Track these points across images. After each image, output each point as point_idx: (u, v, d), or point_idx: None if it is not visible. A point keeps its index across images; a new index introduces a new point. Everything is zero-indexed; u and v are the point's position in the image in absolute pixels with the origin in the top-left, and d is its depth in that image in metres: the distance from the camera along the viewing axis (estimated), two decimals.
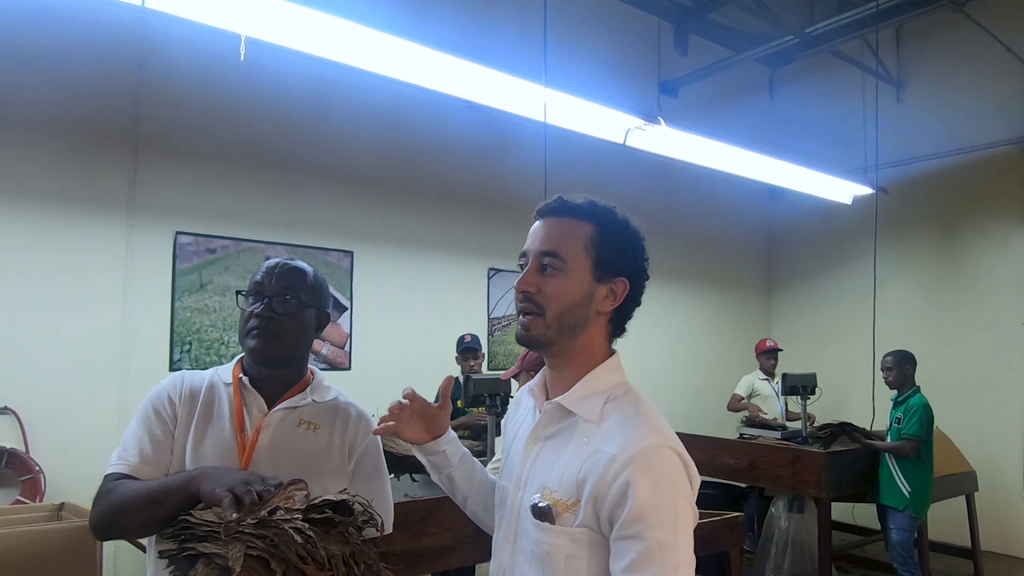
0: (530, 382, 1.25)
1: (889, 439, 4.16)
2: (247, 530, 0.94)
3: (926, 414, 4.01)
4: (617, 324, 1.16)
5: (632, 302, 1.15)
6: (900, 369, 4.15)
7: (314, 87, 4.08)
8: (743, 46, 5.78)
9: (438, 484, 1.32)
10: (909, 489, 3.96)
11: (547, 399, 1.16)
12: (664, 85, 5.74)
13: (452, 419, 4.26)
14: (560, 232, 1.11)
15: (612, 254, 1.11)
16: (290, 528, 0.95)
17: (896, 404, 4.17)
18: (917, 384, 4.17)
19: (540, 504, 1.05)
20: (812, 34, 5.23)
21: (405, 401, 1.25)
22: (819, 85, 6.59)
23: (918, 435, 3.96)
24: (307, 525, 0.97)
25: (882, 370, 4.20)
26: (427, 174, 4.73)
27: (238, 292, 1.36)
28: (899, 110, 6.12)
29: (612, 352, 1.16)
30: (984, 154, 5.66)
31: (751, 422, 5.13)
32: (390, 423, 1.23)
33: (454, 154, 4.79)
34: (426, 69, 3.08)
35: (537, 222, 1.15)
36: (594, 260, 1.10)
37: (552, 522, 1.03)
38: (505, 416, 1.35)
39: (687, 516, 0.99)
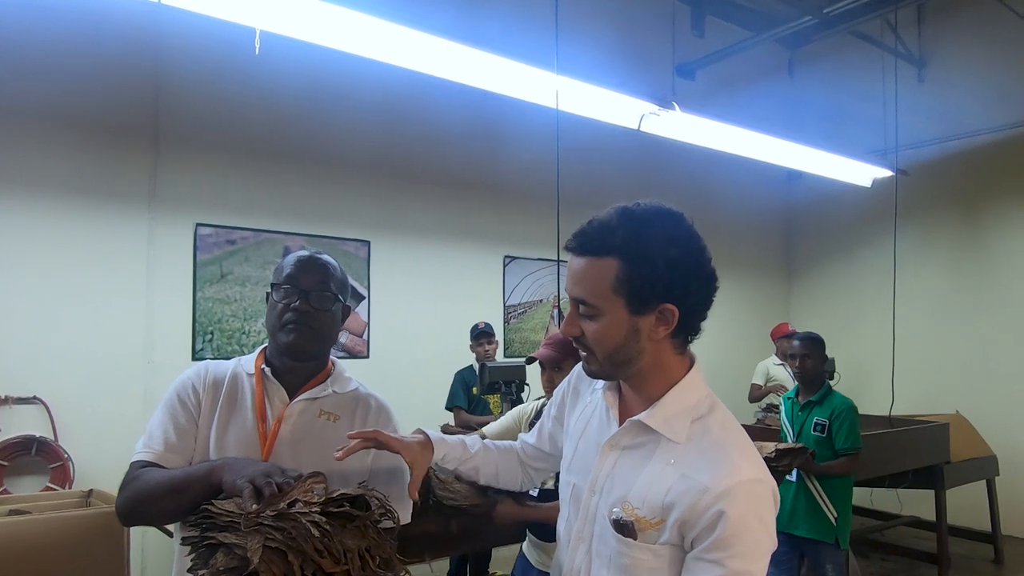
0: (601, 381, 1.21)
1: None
2: (266, 522, 0.97)
3: (857, 417, 3.25)
4: (682, 338, 1.10)
5: (693, 316, 1.08)
6: (818, 356, 3.29)
7: (329, 80, 4.10)
8: (761, 27, 5.70)
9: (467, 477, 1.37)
10: (836, 514, 3.15)
11: (620, 403, 1.14)
12: (681, 68, 5.68)
13: (468, 408, 4.29)
14: (584, 276, 1.05)
15: (644, 287, 1.02)
16: (308, 521, 0.97)
17: (809, 404, 3.30)
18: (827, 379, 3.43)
19: (623, 520, 1.05)
20: (831, 14, 5.15)
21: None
22: (839, 66, 6.50)
23: (859, 446, 3.18)
24: (324, 519, 0.99)
25: (790, 356, 3.37)
26: (442, 163, 4.75)
27: (273, 284, 1.36)
28: (921, 90, 6.01)
29: (691, 363, 1.13)
30: (1007, 134, 5.56)
31: (771, 408, 5.09)
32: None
33: (468, 143, 4.80)
34: (440, 59, 3.09)
35: (569, 256, 1.09)
36: (626, 298, 1.03)
37: (634, 537, 1.03)
38: (560, 395, 1.34)
39: (767, 548, 1.00)
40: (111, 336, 3.56)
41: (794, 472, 3.13)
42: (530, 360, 2.42)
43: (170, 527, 1.35)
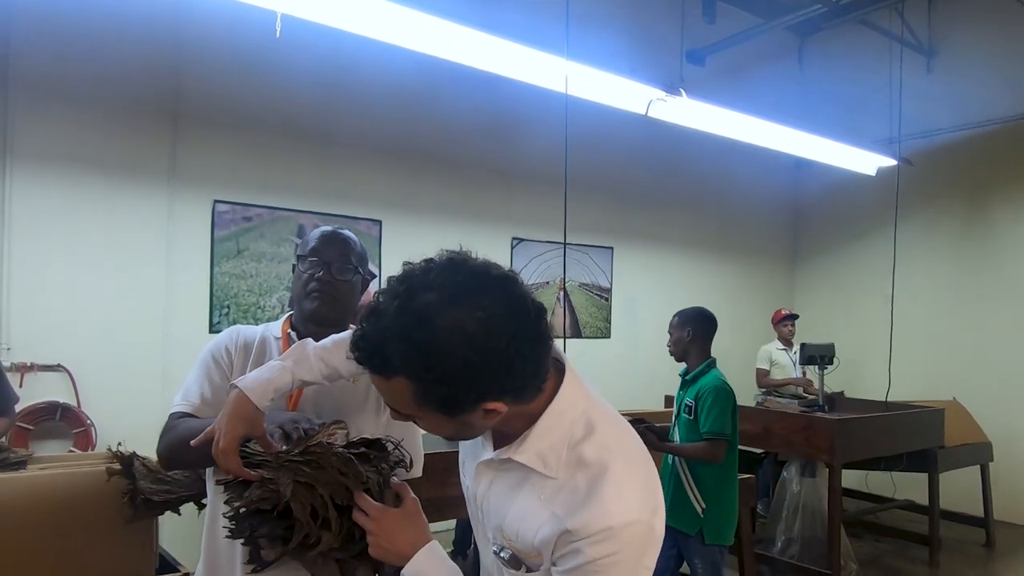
0: None
1: (677, 434, 2.99)
2: (295, 459, 1.08)
3: (727, 400, 2.85)
4: (529, 393, 0.93)
5: (527, 388, 0.91)
6: (678, 333, 3.01)
7: (344, 62, 4.18)
8: (771, 14, 5.73)
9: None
10: (703, 506, 2.82)
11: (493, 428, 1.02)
12: (691, 54, 5.72)
13: None
14: (384, 390, 0.91)
15: (449, 399, 0.86)
16: (332, 453, 1.09)
17: (684, 384, 3.01)
18: (712, 356, 3.02)
19: (505, 555, 1.01)
20: (840, 2, 5.18)
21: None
22: (848, 54, 6.52)
23: (724, 432, 2.80)
24: (346, 451, 1.11)
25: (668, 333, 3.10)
26: (453, 146, 4.83)
27: (298, 256, 1.48)
28: (929, 80, 6.04)
29: (555, 387, 0.97)
30: (1013, 124, 5.59)
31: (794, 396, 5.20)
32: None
33: (479, 126, 4.88)
34: (452, 44, 3.17)
35: None
36: (437, 407, 0.88)
37: (518, 568, 1.00)
38: None
39: None
40: (132, 308, 3.69)
41: (670, 459, 2.96)
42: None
43: (204, 483, 1.47)
